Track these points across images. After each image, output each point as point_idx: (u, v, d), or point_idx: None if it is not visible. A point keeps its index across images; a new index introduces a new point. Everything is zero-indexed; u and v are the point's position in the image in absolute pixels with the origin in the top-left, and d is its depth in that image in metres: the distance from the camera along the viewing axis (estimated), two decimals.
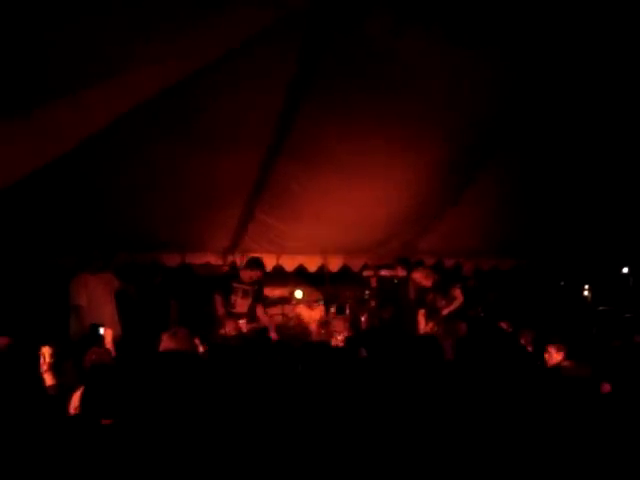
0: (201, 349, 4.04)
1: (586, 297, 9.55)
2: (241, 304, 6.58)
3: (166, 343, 3.38)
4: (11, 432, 2.16)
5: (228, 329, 6.30)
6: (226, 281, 6.68)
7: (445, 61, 4.65)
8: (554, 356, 4.54)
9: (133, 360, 2.60)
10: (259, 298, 6.84)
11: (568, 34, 4.44)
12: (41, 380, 3.22)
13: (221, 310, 6.53)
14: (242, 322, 6.45)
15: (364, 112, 5.22)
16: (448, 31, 4.27)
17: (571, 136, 5.91)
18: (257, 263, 6.76)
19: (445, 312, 6.88)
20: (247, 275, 6.69)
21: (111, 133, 4.56)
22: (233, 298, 6.54)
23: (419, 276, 7.15)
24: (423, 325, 7.03)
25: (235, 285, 6.59)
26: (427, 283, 7.12)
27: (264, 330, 7.17)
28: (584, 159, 6.26)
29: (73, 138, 4.45)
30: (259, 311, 6.84)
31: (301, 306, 8.17)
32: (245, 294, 6.61)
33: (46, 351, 3.29)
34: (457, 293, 7.01)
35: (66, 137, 4.41)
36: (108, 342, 4.75)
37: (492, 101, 5.27)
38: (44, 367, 3.26)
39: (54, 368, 3.32)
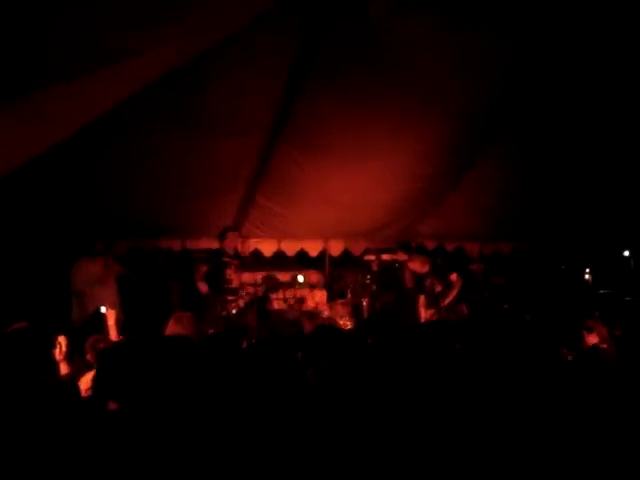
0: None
1: (587, 280, 9.57)
2: (236, 279, 6.55)
3: (171, 328, 3.39)
4: (28, 417, 2.17)
5: (229, 308, 6.31)
6: (218, 258, 6.58)
7: (446, 44, 4.62)
8: (589, 338, 4.45)
9: (136, 345, 2.61)
10: (241, 272, 6.76)
11: (571, 19, 4.41)
12: (56, 367, 3.22)
13: (204, 288, 6.45)
14: (240, 299, 6.47)
15: (364, 96, 5.20)
16: (449, 13, 4.24)
17: (572, 120, 5.89)
18: (232, 229, 6.68)
19: (446, 302, 6.90)
20: (229, 247, 6.59)
21: (111, 119, 4.53)
22: (228, 273, 6.46)
23: (415, 264, 7.17)
24: (423, 311, 7.04)
25: (227, 260, 6.49)
26: (424, 270, 7.13)
27: (264, 299, 7.19)
28: (585, 142, 6.24)
29: (72, 125, 4.43)
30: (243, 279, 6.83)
31: (303, 291, 8.17)
32: (237, 268, 6.58)
33: (62, 340, 3.30)
34: (454, 278, 7.01)
35: (65, 124, 4.38)
36: (111, 324, 4.74)
37: (494, 83, 5.25)
38: (60, 356, 3.27)
39: (69, 357, 3.33)
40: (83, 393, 2.79)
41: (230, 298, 6.43)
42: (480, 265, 7.94)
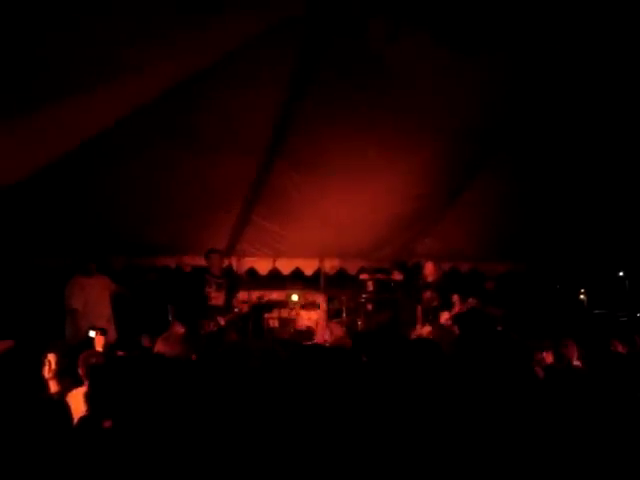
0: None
1: (582, 300, 9.57)
2: (216, 296, 6.61)
3: (159, 347, 3.38)
4: (18, 438, 2.15)
5: (207, 326, 6.34)
6: (201, 274, 6.70)
7: (443, 65, 4.66)
8: (547, 360, 4.52)
9: (127, 362, 2.60)
10: (232, 291, 6.83)
11: (566, 37, 4.45)
12: (45, 386, 3.19)
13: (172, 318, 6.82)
14: (219, 317, 6.51)
15: (361, 116, 5.24)
16: (446, 36, 4.28)
17: (568, 140, 5.93)
18: (214, 250, 6.81)
19: (442, 319, 6.87)
20: (216, 267, 6.69)
21: (110, 136, 4.58)
22: (207, 290, 6.56)
23: (431, 268, 7.16)
24: (419, 327, 6.99)
25: (208, 277, 6.61)
26: (432, 278, 7.12)
27: (245, 317, 7.23)
28: (581, 163, 6.27)
29: (72, 141, 4.47)
30: (235, 303, 6.92)
31: (298, 310, 8.15)
32: (219, 287, 6.64)
33: (52, 358, 3.28)
34: (455, 299, 7.00)
35: (65, 140, 4.42)
36: (99, 346, 4.72)
37: (490, 105, 5.30)
38: (49, 374, 3.24)
39: (58, 375, 3.30)
40: (73, 408, 2.77)
41: (210, 316, 6.46)
42: (492, 283, 7.89)
